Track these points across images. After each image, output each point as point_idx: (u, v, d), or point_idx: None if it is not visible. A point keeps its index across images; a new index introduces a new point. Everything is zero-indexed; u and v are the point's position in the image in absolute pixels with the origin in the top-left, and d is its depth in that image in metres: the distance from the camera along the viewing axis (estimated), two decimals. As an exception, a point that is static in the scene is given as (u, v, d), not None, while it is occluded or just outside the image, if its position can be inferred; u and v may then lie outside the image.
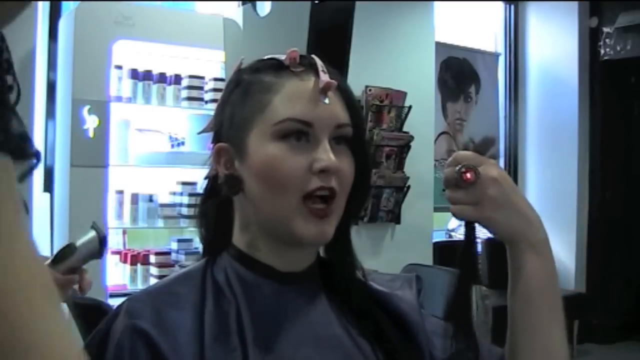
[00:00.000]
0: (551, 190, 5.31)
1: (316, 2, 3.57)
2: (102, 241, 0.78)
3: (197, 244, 3.30)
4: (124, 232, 3.34)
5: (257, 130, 0.77)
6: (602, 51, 5.20)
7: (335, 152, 0.76)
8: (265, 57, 0.82)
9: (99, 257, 0.79)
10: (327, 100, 0.77)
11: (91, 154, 2.90)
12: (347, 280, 0.84)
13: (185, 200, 3.19)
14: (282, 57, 0.80)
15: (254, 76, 0.80)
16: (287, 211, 0.75)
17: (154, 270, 3.21)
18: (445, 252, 4.70)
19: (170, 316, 0.74)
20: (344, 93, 0.80)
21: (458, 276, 0.84)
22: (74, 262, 0.79)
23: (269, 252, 0.80)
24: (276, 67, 0.79)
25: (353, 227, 0.85)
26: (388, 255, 4.27)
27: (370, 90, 4.27)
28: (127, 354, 0.71)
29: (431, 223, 4.74)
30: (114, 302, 2.70)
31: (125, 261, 3.20)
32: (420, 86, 4.58)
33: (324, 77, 0.77)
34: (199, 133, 0.89)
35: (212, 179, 0.83)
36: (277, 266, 0.80)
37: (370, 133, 4.21)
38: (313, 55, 0.81)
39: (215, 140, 0.82)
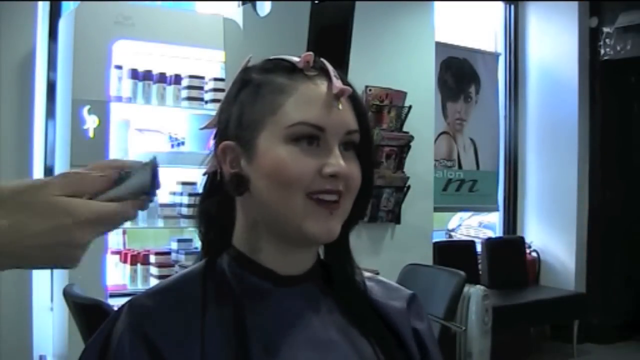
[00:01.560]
0: (551, 190, 5.31)
1: (316, 2, 3.57)
2: (154, 172, 0.65)
3: (197, 244, 3.29)
4: (124, 232, 3.34)
5: (267, 132, 0.76)
6: (602, 51, 5.20)
7: (343, 157, 0.76)
8: (275, 58, 0.82)
9: (149, 191, 0.66)
10: (340, 107, 0.77)
11: (91, 154, 2.89)
12: (345, 283, 0.84)
13: (185, 200, 3.19)
14: (294, 58, 0.80)
15: (265, 77, 0.79)
16: (294, 209, 0.75)
17: (154, 270, 3.21)
18: (445, 252, 4.70)
19: (171, 318, 0.74)
20: (354, 99, 0.80)
21: None
22: (120, 193, 0.65)
23: (271, 254, 0.80)
24: (289, 69, 0.79)
25: (354, 227, 0.85)
26: (388, 255, 4.27)
27: (370, 90, 4.27)
28: (128, 355, 0.71)
29: (431, 223, 4.75)
30: (114, 302, 2.70)
31: (125, 261, 3.20)
32: (420, 86, 4.58)
33: (338, 83, 0.77)
34: (202, 129, 0.89)
35: (211, 176, 0.83)
36: (278, 269, 0.80)
37: (372, 133, 4.21)
38: (323, 59, 0.81)
39: (220, 138, 0.81)
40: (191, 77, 3.25)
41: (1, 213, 0.60)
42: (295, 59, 0.80)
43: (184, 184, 3.24)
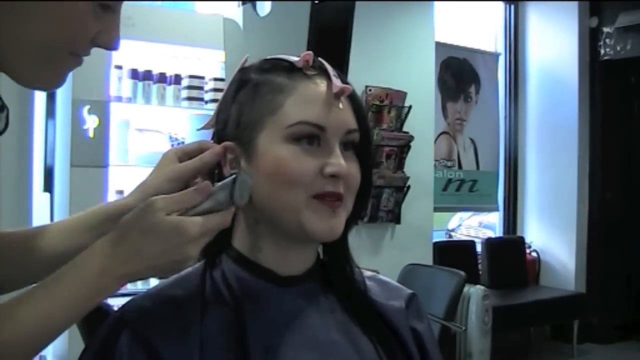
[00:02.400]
0: (551, 191, 5.31)
1: (316, 2, 3.57)
2: (237, 185, 0.70)
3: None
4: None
5: (267, 131, 0.76)
6: (602, 51, 5.20)
7: (343, 157, 0.76)
8: (272, 57, 0.82)
9: (234, 203, 0.70)
10: (341, 106, 0.77)
11: (91, 154, 2.89)
12: (345, 283, 0.84)
13: (185, 200, 3.18)
14: (292, 58, 0.80)
15: (264, 76, 0.79)
16: (297, 207, 0.75)
17: (154, 270, 3.21)
18: (445, 252, 4.70)
19: (170, 320, 0.74)
20: (353, 99, 0.80)
21: None
22: (208, 207, 0.69)
23: (271, 254, 0.80)
24: (287, 68, 0.79)
25: (353, 227, 0.85)
26: (388, 255, 4.27)
27: (370, 90, 4.27)
28: (126, 357, 0.71)
29: (431, 223, 4.74)
30: (114, 302, 2.69)
31: (125, 261, 3.20)
32: (420, 86, 4.58)
33: (338, 82, 0.77)
34: (199, 129, 0.89)
35: (211, 176, 0.83)
36: (278, 270, 0.80)
37: (371, 133, 4.21)
38: (321, 59, 0.81)
39: (218, 138, 0.81)
40: (191, 77, 3.25)
41: (125, 243, 0.66)
42: (294, 58, 0.80)
43: (184, 184, 3.24)
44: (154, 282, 3.24)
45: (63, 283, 0.66)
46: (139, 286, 3.13)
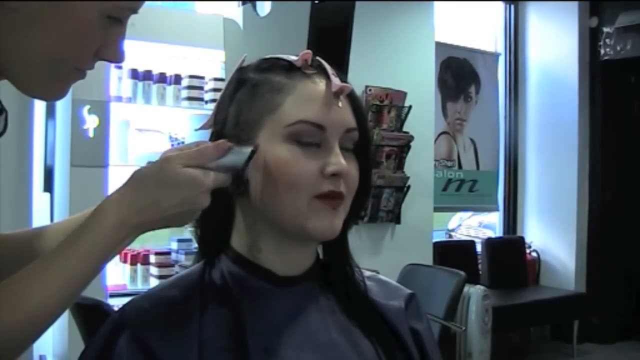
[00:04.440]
0: (551, 191, 5.31)
1: (316, 2, 3.57)
2: (251, 156, 0.73)
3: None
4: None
5: (266, 131, 0.76)
6: (602, 51, 5.20)
7: (343, 156, 0.76)
8: (271, 57, 0.82)
9: (239, 171, 0.73)
10: (340, 104, 0.77)
11: (91, 154, 2.90)
12: (345, 283, 0.84)
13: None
14: (291, 57, 0.80)
15: (263, 76, 0.79)
16: (298, 208, 0.75)
17: (154, 270, 3.21)
18: (445, 252, 4.70)
19: (169, 323, 0.73)
20: (352, 97, 0.80)
21: None
22: (214, 166, 0.72)
23: (270, 253, 0.79)
24: (286, 68, 0.79)
25: (353, 226, 0.85)
26: (388, 255, 4.27)
27: (370, 90, 4.27)
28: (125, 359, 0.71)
29: (431, 223, 4.74)
30: (114, 302, 2.70)
31: (125, 261, 3.20)
32: (420, 86, 4.58)
33: (337, 81, 0.77)
34: (197, 130, 0.89)
35: None
36: (277, 270, 0.79)
37: (371, 133, 4.21)
38: (319, 58, 0.80)
39: (217, 138, 0.81)
40: (191, 77, 3.25)
41: (143, 194, 0.70)
42: (293, 57, 0.80)
43: (184, 184, 3.23)
44: (154, 282, 3.25)
45: (85, 239, 0.69)
46: (139, 286, 3.14)
